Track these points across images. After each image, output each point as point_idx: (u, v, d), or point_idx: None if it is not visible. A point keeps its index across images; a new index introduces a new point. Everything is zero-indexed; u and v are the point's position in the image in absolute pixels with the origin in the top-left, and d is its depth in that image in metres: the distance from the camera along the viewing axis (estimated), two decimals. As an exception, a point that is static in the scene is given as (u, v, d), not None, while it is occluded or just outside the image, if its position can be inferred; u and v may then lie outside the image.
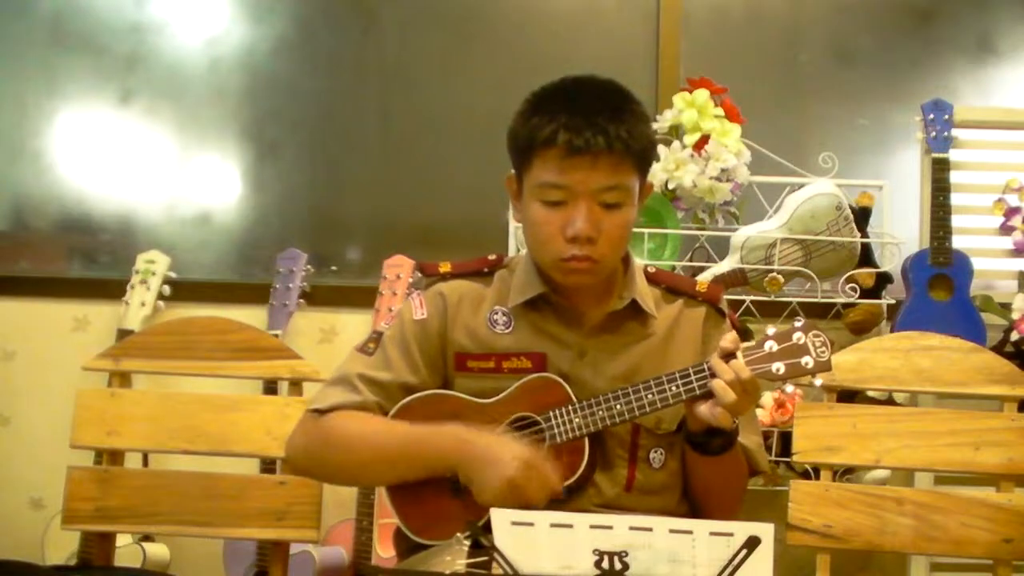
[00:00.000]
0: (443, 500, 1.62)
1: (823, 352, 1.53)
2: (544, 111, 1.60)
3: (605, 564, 1.21)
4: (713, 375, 1.53)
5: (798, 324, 1.55)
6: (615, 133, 1.56)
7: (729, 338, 1.55)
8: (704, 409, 1.53)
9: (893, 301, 2.72)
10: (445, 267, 1.76)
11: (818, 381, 1.60)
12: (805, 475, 2.27)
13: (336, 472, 1.73)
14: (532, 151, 1.60)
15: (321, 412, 1.68)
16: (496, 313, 1.70)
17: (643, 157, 1.63)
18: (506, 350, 1.67)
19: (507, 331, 1.68)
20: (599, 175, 1.57)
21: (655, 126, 2.60)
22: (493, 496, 1.51)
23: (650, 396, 1.56)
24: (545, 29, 3.18)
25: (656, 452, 1.67)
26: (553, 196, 1.59)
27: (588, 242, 1.58)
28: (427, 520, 1.63)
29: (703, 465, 1.64)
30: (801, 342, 1.54)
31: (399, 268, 2.74)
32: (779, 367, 1.53)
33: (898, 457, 2.04)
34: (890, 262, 2.72)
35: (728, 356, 1.53)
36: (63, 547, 2.63)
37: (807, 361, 1.53)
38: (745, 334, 2.39)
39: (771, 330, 1.56)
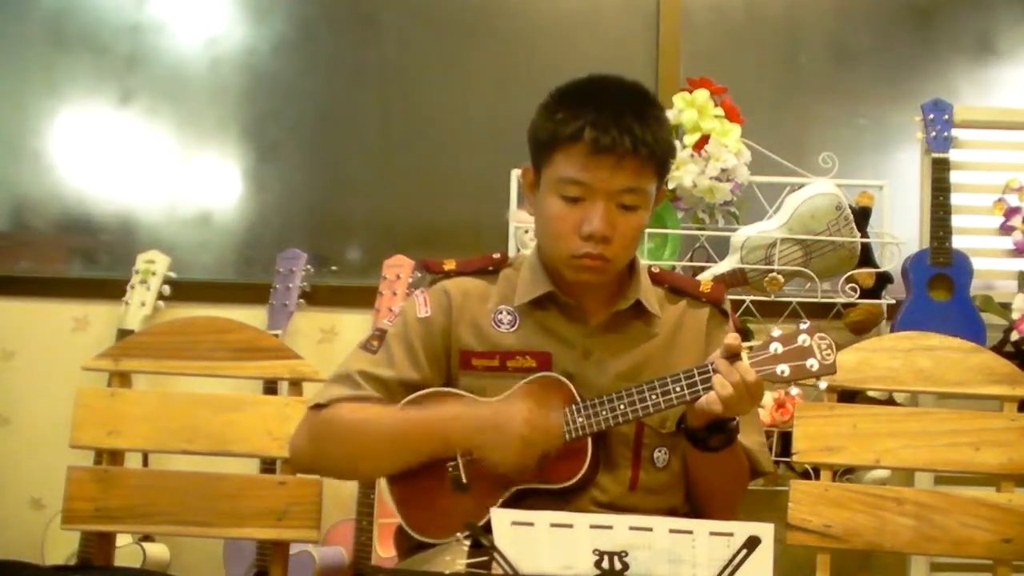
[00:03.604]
0: (444, 498, 1.62)
1: (828, 355, 1.53)
2: (570, 107, 1.60)
3: (605, 564, 1.21)
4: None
5: (803, 327, 1.55)
6: (641, 136, 1.56)
7: (732, 337, 1.55)
8: (701, 400, 1.53)
9: (893, 301, 2.72)
10: (450, 265, 1.76)
11: (822, 384, 1.59)
12: (805, 475, 2.27)
13: (339, 463, 1.71)
14: (555, 145, 1.60)
15: (321, 408, 1.68)
16: (501, 312, 1.70)
17: (664, 163, 1.64)
18: (511, 349, 1.67)
19: (512, 330, 1.68)
20: (621, 176, 1.57)
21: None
22: (515, 459, 1.55)
23: (654, 397, 1.56)
24: (545, 29, 3.18)
25: (660, 452, 1.68)
26: (572, 192, 1.59)
27: (603, 241, 1.59)
28: (428, 518, 1.63)
29: (702, 462, 1.64)
30: (806, 344, 1.53)
31: (399, 268, 2.74)
32: (784, 369, 1.53)
33: (898, 457, 2.03)
34: (890, 262, 2.72)
35: (732, 356, 1.53)
36: (63, 547, 2.63)
37: (812, 364, 1.53)
38: (745, 335, 2.40)
39: (776, 332, 1.56)
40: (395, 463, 1.65)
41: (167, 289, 2.83)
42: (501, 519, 1.24)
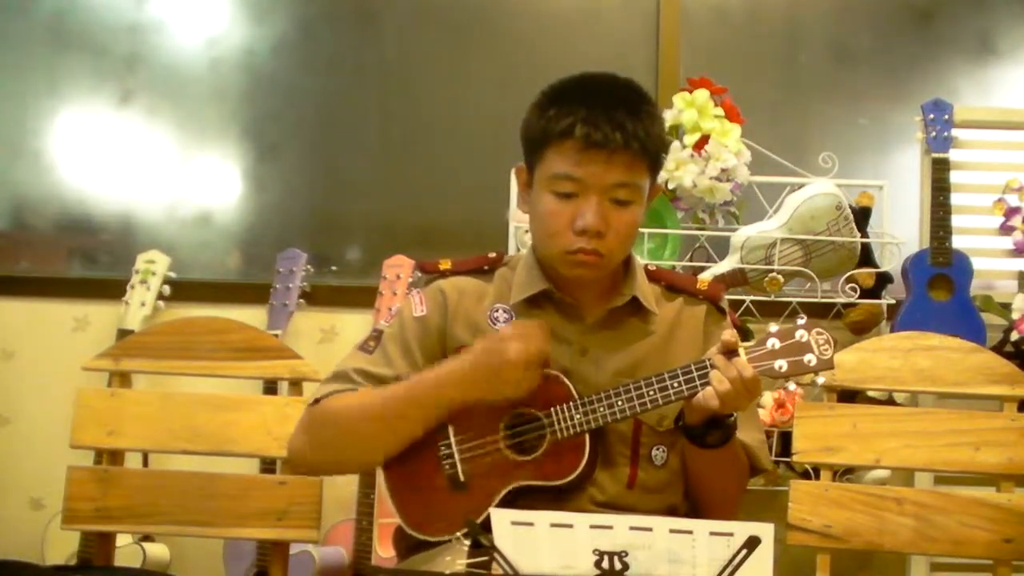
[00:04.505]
0: (442, 495, 1.62)
1: (826, 350, 1.53)
2: (562, 103, 1.60)
3: (605, 564, 1.21)
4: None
5: (801, 322, 1.55)
6: (633, 131, 1.56)
7: (729, 333, 1.55)
8: (699, 396, 1.53)
9: (893, 301, 2.72)
10: (445, 264, 1.76)
11: (820, 379, 1.59)
12: (805, 475, 2.27)
13: (336, 451, 1.68)
14: (547, 142, 1.60)
15: (316, 404, 1.68)
16: (497, 310, 1.70)
17: (656, 158, 1.64)
18: (507, 346, 1.67)
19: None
20: (613, 171, 1.57)
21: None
22: (519, 387, 1.56)
23: (651, 393, 1.56)
24: (545, 29, 3.18)
25: (658, 449, 1.67)
26: (565, 188, 1.59)
27: (596, 236, 1.58)
28: (426, 515, 1.63)
29: (701, 459, 1.63)
30: (804, 340, 1.53)
31: (399, 268, 2.74)
32: (782, 365, 1.53)
33: (898, 457, 2.03)
34: (890, 262, 2.72)
35: (729, 352, 1.53)
36: (63, 547, 2.63)
37: (810, 359, 1.53)
38: (745, 334, 2.40)
39: (774, 327, 1.56)
40: (392, 439, 1.64)
41: (167, 289, 2.83)
42: (501, 519, 1.24)
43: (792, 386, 1.59)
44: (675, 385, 1.55)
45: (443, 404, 1.61)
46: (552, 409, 1.60)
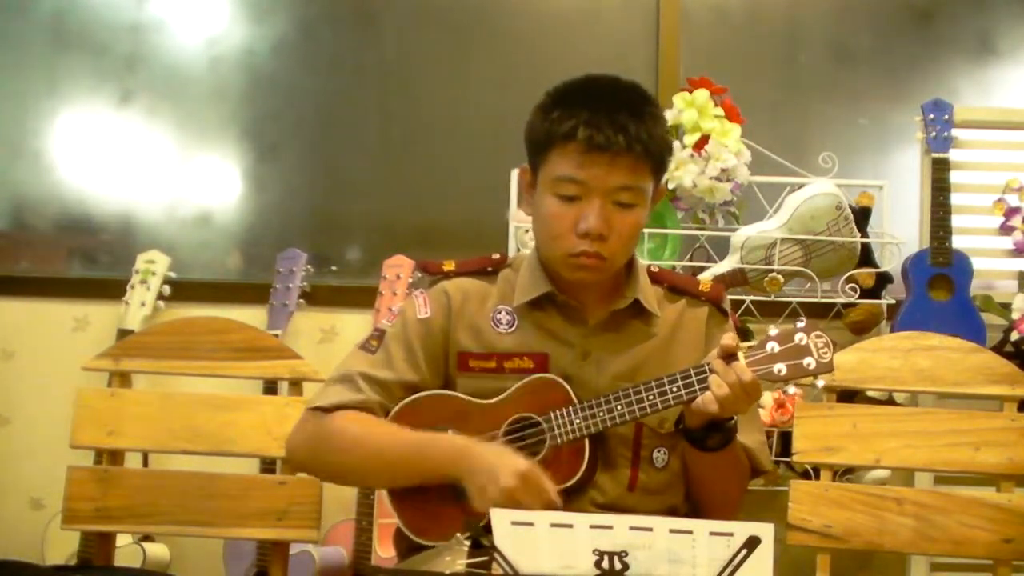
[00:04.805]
0: (444, 502, 1.61)
1: (825, 353, 1.53)
2: (565, 106, 1.60)
3: (605, 564, 1.21)
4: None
5: (800, 325, 1.55)
6: (636, 133, 1.56)
7: (728, 337, 1.55)
8: (698, 400, 1.53)
9: (893, 301, 2.72)
10: (449, 265, 1.76)
11: (820, 382, 1.59)
12: (805, 475, 2.27)
13: (336, 472, 1.73)
14: (550, 145, 1.60)
15: (323, 411, 1.68)
16: (500, 312, 1.70)
17: (660, 160, 1.64)
18: (508, 350, 1.67)
19: (510, 331, 1.68)
20: (616, 174, 1.57)
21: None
22: (492, 505, 1.50)
23: (651, 397, 1.56)
24: (545, 29, 3.18)
25: (659, 451, 1.67)
26: (568, 191, 1.59)
27: (599, 239, 1.58)
28: (428, 521, 1.63)
29: (701, 462, 1.64)
30: (803, 343, 1.53)
31: (399, 268, 2.74)
32: (781, 368, 1.53)
33: (898, 457, 2.04)
34: (890, 262, 2.72)
35: (729, 356, 1.53)
36: (63, 547, 2.63)
37: (809, 362, 1.53)
38: (745, 335, 2.40)
39: (773, 331, 1.56)
40: (392, 482, 1.67)
41: (167, 289, 2.83)
42: (501, 519, 1.24)
43: (792, 388, 1.58)
44: (674, 390, 1.55)
45: (444, 476, 1.59)
46: (552, 414, 1.60)
